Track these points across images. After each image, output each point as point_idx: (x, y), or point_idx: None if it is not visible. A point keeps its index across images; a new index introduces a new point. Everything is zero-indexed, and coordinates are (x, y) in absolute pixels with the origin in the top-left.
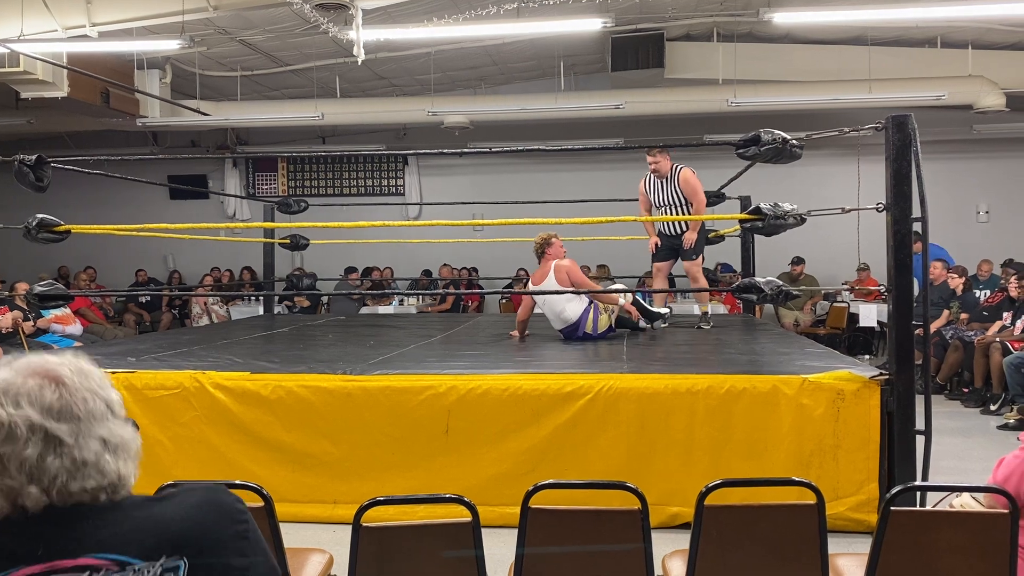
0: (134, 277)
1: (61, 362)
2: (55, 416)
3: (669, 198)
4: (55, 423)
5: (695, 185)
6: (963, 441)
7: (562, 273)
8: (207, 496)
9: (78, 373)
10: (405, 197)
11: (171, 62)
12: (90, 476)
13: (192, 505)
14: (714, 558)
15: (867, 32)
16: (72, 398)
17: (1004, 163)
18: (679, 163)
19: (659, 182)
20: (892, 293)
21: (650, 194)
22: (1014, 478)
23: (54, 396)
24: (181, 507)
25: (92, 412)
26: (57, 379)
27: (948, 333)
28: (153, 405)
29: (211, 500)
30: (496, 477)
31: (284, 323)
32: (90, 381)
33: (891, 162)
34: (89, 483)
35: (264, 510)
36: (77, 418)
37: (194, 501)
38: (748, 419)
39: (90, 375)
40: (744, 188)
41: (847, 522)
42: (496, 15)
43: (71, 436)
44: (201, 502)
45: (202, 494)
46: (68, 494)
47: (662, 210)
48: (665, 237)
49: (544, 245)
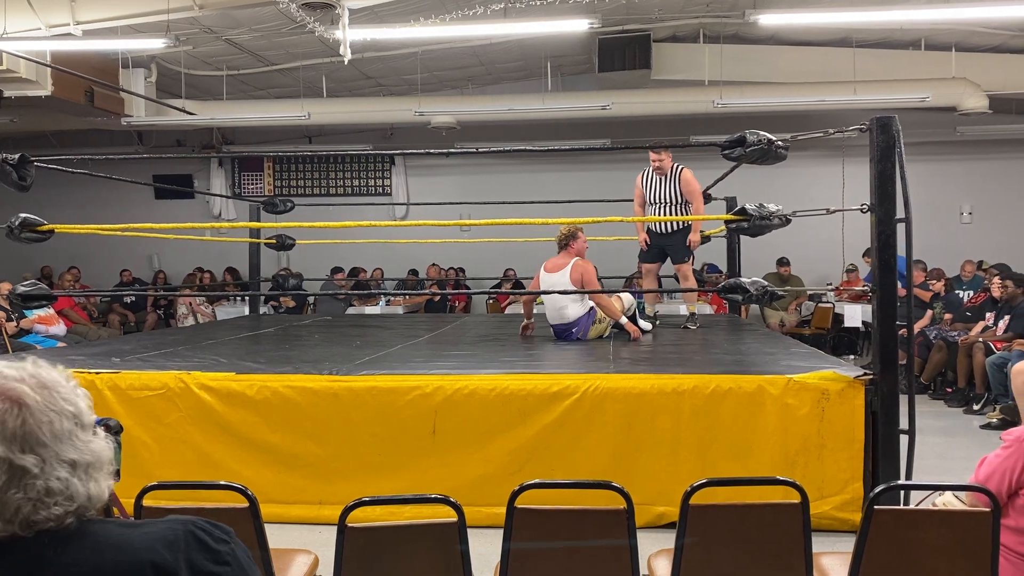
0: (119, 277)
1: (20, 377)
2: (19, 446)
3: (667, 196)
4: (20, 454)
5: (696, 187)
6: (946, 440)
7: (577, 272)
8: (184, 528)
9: (40, 389)
10: (392, 197)
11: (156, 61)
12: (57, 504)
13: (164, 536)
14: (699, 557)
15: (852, 34)
16: (36, 422)
17: (987, 164)
18: (680, 163)
19: (659, 178)
20: (876, 294)
21: (647, 189)
22: (996, 476)
23: (16, 423)
24: (153, 537)
25: (58, 434)
26: (19, 401)
27: (932, 333)
28: (137, 406)
29: (188, 532)
30: (483, 477)
31: (270, 323)
32: (54, 397)
33: (875, 163)
34: (55, 511)
35: (249, 511)
36: (43, 444)
37: (168, 533)
38: (734, 419)
39: (53, 388)
40: (731, 189)
41: (832, 521)
42: (483, 15)
43: (37, 466)
44: (177, 534)
45: (179, 526)
46: (31, 524)
47: (656, 207)
48: (655, 235)
49: (569, 237)
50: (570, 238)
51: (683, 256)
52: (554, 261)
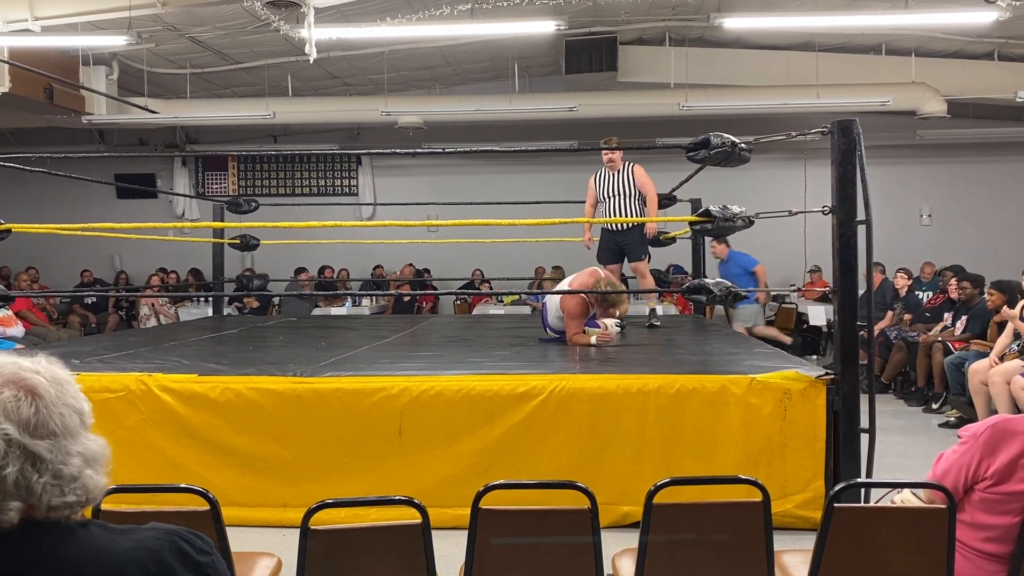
0: (79, 278)
1: (36, 369)
2: (33, 432)
3: (620, 188)
4: (33, 440)
5: (647, 179)
6: (906, 439)
7: (568, 297)
8: (168, 539)
9: (54, 383)
10: (359, 197)
11: (118, 58)
12: (72, 492)
13: (149, 547)
14: (663, 556)
15: (815, 38)
16: (49, 412)
17: (946, 168)
18: (630, 160)
19: (611, 174)
20: (837, 294)
21: (600, 186)
22: (952, 472)
23: (31, 411)
24: (137, 547)
25: (68, 428)
26: (34, 391)
27: (892, 334)
28: (97, 408)
29: (171, 543)
30: (449, 478)
31: (234, 324)
32: (65, 393)
33: (837, 166)
34: (70, 498)
35: (210, 514)
36: (55, 434)
37: (153, 543)
38: (698, 418)
39: (65, 385)
40: (696, 191)
41: (794, 519)
42: (450, 16)
43: (50, 452)
44: (162, 544)
45: (163, 536)
46: (52, 508)
47: (610, 201)
48: (611, 233)
49: (590, 276)
50: (591, 277)
51: (639, 254)
52: (575, 277)
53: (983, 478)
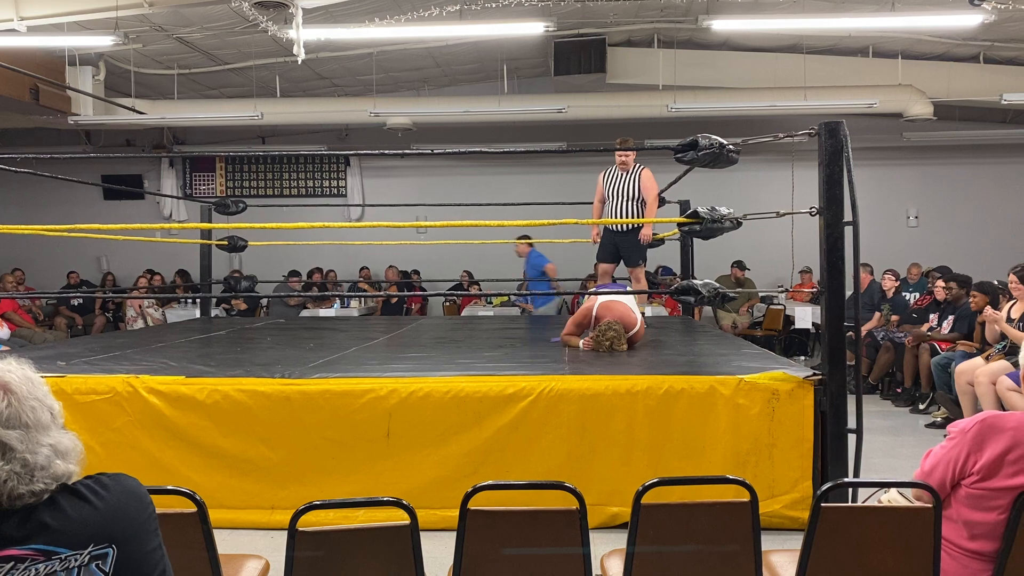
0: (65, 279)
1: (8, 368)
2: (3, 423)
3: (625, 190)
4: (3, 430)
5: (653, 186)
6: (893, 439)
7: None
8: (118, 485)
9: (25, 381)
10: (347, 198)
11: (105, 59)
12: (39, 480)
13: (113, 495)
14: (651, 556)
15: (802, 41)
16: (20, 406)
17: (933, 170)
18: (641, 164)
19: (620, 174)
20: (824, 296)
21: (607, 184)
22: (940, 467)
23: (3, 404)
24: (101, 497)
25: (39, 421)
26: (6, 386)
27: (879, 335)
28: (84, 410)
29: (124, 488)
30: (438, 480)
31: (221, 326)
32: (36, 390)
33: (824, 167)
34: (38, 486)
35: (197, 515)
36: (26, 426)
37: (115, 491)
38: (686, 419)
39: (36, 383)
40: (685, 192)
41: (783, 519)
42: (439, 17)
43: (21, 442)
44: (116, 490)
45: (114, 483)
46: (16, 496)
47: (614, 201)
48: (610, 232)
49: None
50: (608, 312)
51: (636, 259)
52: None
53: (970, 473)
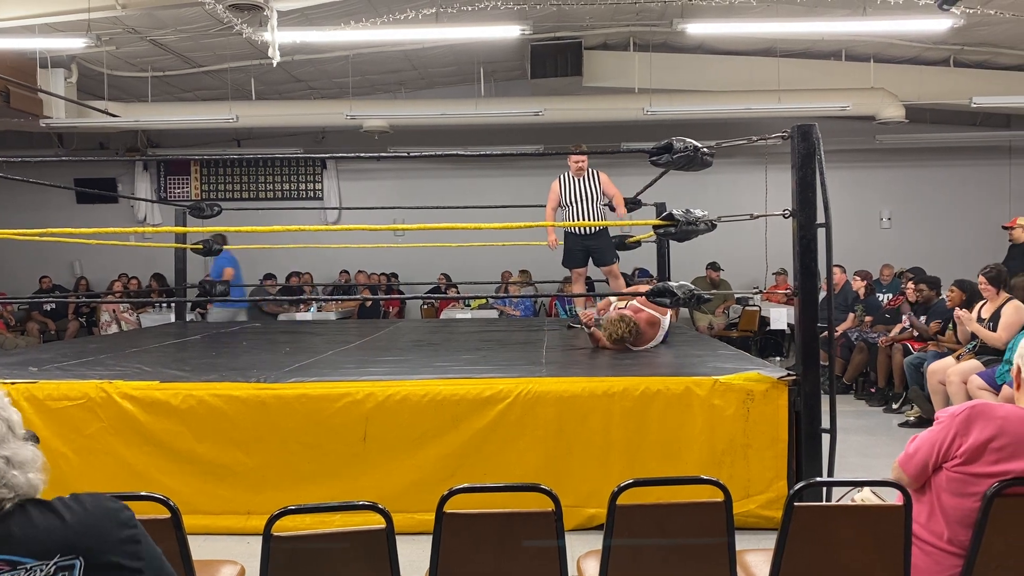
0: (38, 284)
1: None
2: None
3: (587, 193)
4: None
5: (613, 186)
6: (867, 439)
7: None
8: (95, 501)
9: None
10: (324, 201)
11: (77, 61)
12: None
13: (82, 509)
14: (626, 557)
15: (776, 44)
16: None
17: (905, 172)
18: (594, 167)
19: (576, 179)
20: (798, 297)
21: (564, 191)
22: (924, 448)
23: None
24: (72, 511)
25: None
26: None
27: (853, 335)
28: (56, 416)
29: (99, 505)
30: (415, 483)
31: (196, 331)
32: None
33: (797, 170)
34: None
35: (171, 522)
36: None
37: (90, 507)
38: (663, 420)
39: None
40: (660, 195)
41: (758, 519)
42: (415, 19)
43: None
44: (91, 507)
45: (91, 499)
46: None
47: (576, 205)
48: (578, 238)
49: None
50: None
51: (610, 258)
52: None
53: (953, 456)
